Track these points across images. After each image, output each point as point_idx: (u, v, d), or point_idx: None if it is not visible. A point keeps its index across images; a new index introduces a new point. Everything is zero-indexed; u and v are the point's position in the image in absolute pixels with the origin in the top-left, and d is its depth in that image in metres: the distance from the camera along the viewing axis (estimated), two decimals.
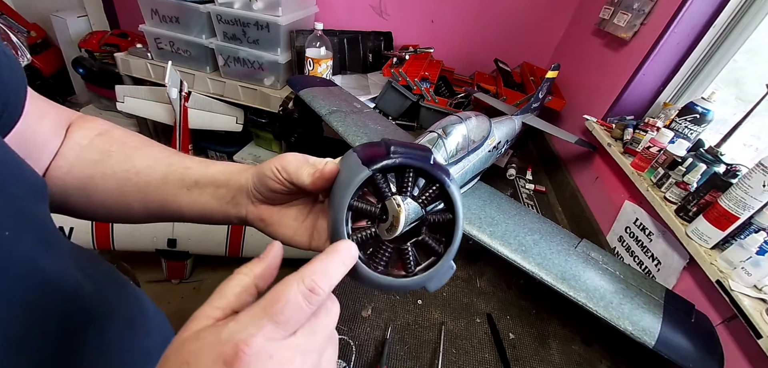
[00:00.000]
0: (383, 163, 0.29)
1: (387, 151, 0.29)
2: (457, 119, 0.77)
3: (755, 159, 0.65)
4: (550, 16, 1.69)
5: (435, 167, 0.30)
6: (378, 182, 0.29)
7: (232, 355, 0.19)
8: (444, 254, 0.31)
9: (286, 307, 0.21)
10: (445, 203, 0.31)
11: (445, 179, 0.30)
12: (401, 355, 0.64)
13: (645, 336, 0.61)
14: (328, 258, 0.24)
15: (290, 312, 0.21)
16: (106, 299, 0.37)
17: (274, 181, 0.34)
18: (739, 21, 0.96)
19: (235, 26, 1.38)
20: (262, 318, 0.21)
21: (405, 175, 0.30)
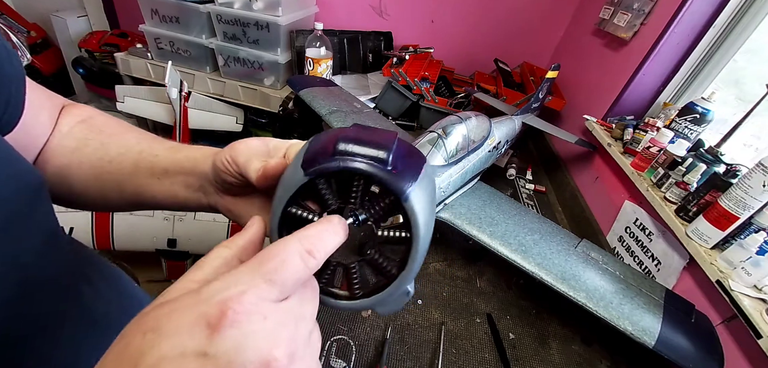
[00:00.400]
0: (322, 166, 0.22)
1: (333, 147, 0.23)
2: (457, 119, 0.78)
3: (755, 159, 0.65)
4: (550, 16, 1.69)
5: (393, 174, 0.22)
6: (319, 188, 0.24)
7: (218, 315, 0.16)
8: (396, 279, 0.25)
9: (282, 266, 0.18)
10: (402, 218, 0.24)
11: (402, 190, 0.22)
12: (401, 355, 0.64)
13: (645, 336, 0.61)
14: (323, 226, 0.22)
15: (287, 273, 0.19)
16: (103, 300, 0.37)
17: (225, 173, 0.31)
18: (739, 21, 0.96)
19: (235, 26, 1.38)
20: (253, 276, 0.18)
21: (353, 180, 0.24)
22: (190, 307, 0.17)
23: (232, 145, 0.31)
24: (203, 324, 0.16)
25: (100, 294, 0.37)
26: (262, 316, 0.17)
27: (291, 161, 0.26)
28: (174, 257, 1.41)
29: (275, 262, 0.18)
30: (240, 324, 0.16)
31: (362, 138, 0.23)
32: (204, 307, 0.16)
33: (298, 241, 0.20)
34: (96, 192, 0.37)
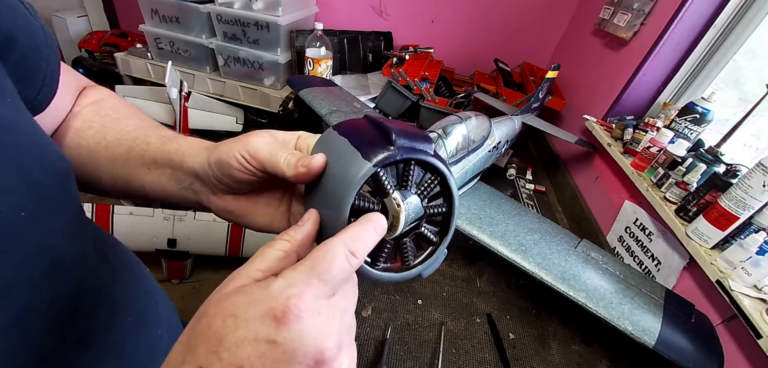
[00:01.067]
0: (386, 156, 0.25)
1: (386, 139, 0.26)
2: (457, 119, 0.78)
3: (755, 159, 0.65)
4: (550, 16, 1.69)
5: (437, 159, 0.28)
6: (380, 178, 0.26)
7: (283, 310, 0.19)
8: (440, 244, 0.30)
9: (332, 266, 0.22)
10: (442, 196, 0.30)
11: (447, 173, 0.28)
12: (401, 355, 0.64)
13: (645, 336, 0.61)
14: (365, 226, 0.24)
15: (336, 272, 0.22)
16: (119, 284, 0.36)
17: (241, 171, 0.30)
18: (739, 21, 0.96)
19: (235, 26, 1.38)
20: (310, 276, 0.21)
21: (407, 168, 0.27)
22: (262, 300, 0.20)
23: (243, 139, 0.30)
24: (271, 316, 0.19)
25: (116, 277, 0.37)
26: (317, 312, 0.20)
27: (332, 155, 0.28)
28: (174, 258, 1.41)
29: (327, 263, 0.22)
30: (301, 320, 0.20)
31: (408, 131, 0.27)
32: (273, 302, 0.20)
33: (343, 244, 0.23)
34: (90, 174, 0.37)
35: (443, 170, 0.28)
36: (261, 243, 1.15)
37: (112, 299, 0.34)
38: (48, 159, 0.28)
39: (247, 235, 1.33)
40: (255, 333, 0.19)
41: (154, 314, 0.42)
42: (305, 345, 0.19)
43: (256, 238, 1.34)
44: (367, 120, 0.28)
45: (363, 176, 0.25)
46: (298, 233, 0.25)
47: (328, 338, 0.20)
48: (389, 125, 0.27)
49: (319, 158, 0.28)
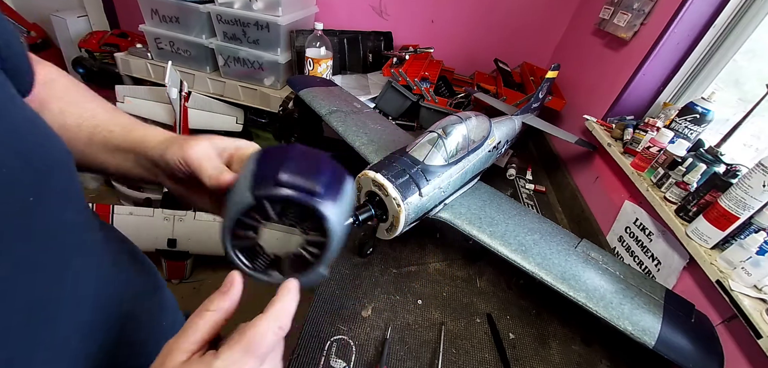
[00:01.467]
0: (267, 193, 0.30)
1: (274, 175, 0.30)
2: (457, 119, 0.77)
3: (755, 159, 0.65)
4: (550, 16, 1.69)
5: (320, 202, 0.31)
6: (264, 206, 0.31)
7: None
8: (315, 267, 0.33)
9: (263, 343, 0.26)
10: (325, 232, 0.32)
11: (324, 217, 0.31)
12: (401, 355, 0.64)
13: (645, 337, 0.61)
14: (287, 299, 0.29)
15: (267, 347, 0.26)
16: (125, 270, 0.38)
17: (178, 172, 0.35)
18: (739, 21, 0.96)
19: (235, 26, 1.38)
20: (245, 355, 0.25)
21: (289, 204, 0.31)
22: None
23: (182, 145, 0.34)
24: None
25: (120, 265, 0.38)
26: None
27: (241, 175, 0.32)
28: (174, 258, 1.42)
29: (257, 341, 0.26)
30: None
31: (298, 167, 0.31)
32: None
33: (273, 320, 0.27)
34: None
35: (321, 214, 0.31)
36: None
37: (119, 280, 0.36)
38: (51, 149, 0.28)
39: None
40: None
41: (161, 296, 0.45)
42: None
43: None
44: (283, 151, 0.33)
45: (244, 205, 0.30)
46: (224, 303, 0.28)
47: None
48: (286, 159, 0.31)
49: (228, 178, 0.34)
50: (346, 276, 0.76)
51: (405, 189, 0.64)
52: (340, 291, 0.73)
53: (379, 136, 0.99)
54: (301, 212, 0.32)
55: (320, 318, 0.67)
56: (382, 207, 0.65)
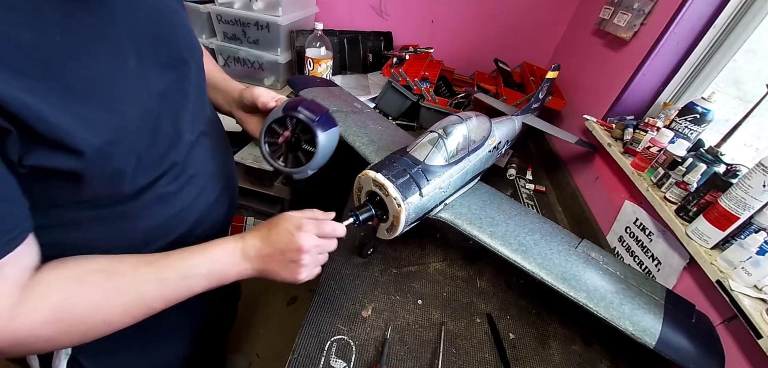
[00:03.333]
0: (289, 113, 0.55)
1: (295, 107, 0.55)
2: (458, 119, 0.77)
3: (755, 159, 0.65)
4: (550, 16, 1.69)
5: (315, 124, 0.54)
6: (286, 120, 0.56)
7: (299, 226, 0.51)
8: (305, 165, 0.57)
9: (325, 226, 0.54)
10: (315, 145, 0.55)
11: (315, 133, 0.54)
12: (401, 355, 0.64)
13: (646, 337, 0.61)
14: (338, 226, 0.57)
15: (324, 228, 0.54)
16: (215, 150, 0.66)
17: (247, 101, 0.64)
18: (739, 21, 0.96)
19: (235, 26, 1.38)
20: (315, 225, 0.53)
21: (297, 122, 0.56)
22: (296, 221, 0.53)
23: (252, 88, 0.64)
24: (295, 226, 0.52)
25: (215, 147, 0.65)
26: (310, 235, 0.52)
27: (277, 106, 0.59)
28: None
29: (322, 224, 0.54)
30: (303, 234, 0.51)
31: (309, 107, 0.56)
32: (299, 222, 0.52)
33: (331, 225, 0.56)
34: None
35: (314, 130, 0.55)
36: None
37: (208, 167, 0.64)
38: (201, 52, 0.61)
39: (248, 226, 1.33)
40: (289, 227, 0.52)
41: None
42: (299, 241, 0.51)
43: None
44: (303, 99, 0.58)
45: (276, 115, 0.57)
46: (324, 223, 0.56)
47: (307, 245, 0.51)
48: (301, 102, 0.57)
49: (272, 103, 0.61)
50: (346, 276, 0.76)
51: (405, 189, 0.64)
52: (340, 291, 0.73)
53: (379, 136, 0.99)
54: (304, 129, 0.56)
55: (320, 318, 0.67)
56: (383, 207, 0.65)
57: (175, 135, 0.50)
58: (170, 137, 0.49)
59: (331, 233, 0.55)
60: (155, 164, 0.48)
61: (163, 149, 0.48)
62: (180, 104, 0.51)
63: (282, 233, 0.51)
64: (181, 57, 0.51)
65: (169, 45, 0.48)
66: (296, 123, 0.55)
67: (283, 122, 0.56)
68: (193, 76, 0.53)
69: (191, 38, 0.55)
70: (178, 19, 0.51)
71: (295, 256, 0.51)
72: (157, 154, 0.47)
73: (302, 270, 0.52)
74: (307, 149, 0.56)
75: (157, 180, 0.49)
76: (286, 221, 0.52)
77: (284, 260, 0.51)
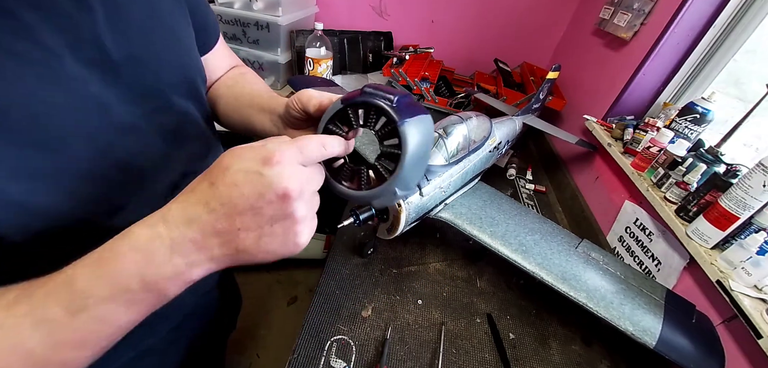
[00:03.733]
0: (351, 100, 0.37)
1: (360, 92, 0.37)
2: (458, 119, 0.77)
3: (755, 159, 0.65)
4: (550, 16, 1.69)
5: (396, 109, 0.35)
6: (349, 113, 0.37)
7: (269, 156, 0.29)
8: (388, 180, 0.37)
9: (308, 145, 0.32)
10: (398, 140, 0.36)
11: (396, 121, 0.35)
12: (401, 355, 0.64)
13: (646, 337, 0.61)
14: (332, 137, 0.36)
15: (309, 150, 0.32)
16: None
17: (293, 109, 0.46)
18: (739, 21, 0.96)
19: (235, 26, 1.38)
20: (292, 145, 0.31)
21: (370, 112, 0.37)
22: (258, 149, 0.30)
23: (298, 92, 0.46)
24: (261, 158, 0.30)
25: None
26: (290, 165, 0.30)
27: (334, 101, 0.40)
28: None
29: (304, 142, 0.32)
30: (279, 165, 0.30)
31: (380, 88, 0.37)
32: (264, 151, 0.30)
33: (317, 138, 0.34)
34: (227, 112, 0.58)
35: (394, 118, 0.35)
36: None
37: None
38: (201, 71, 0.53)
39: None
40: (248, 166, 0.29)
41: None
42: (277, 181, 0.29)
43: None
44: (363, 86, 0.39)
45: (334, 109, 0.38)
46: (306, 140, 0.34)
47: (293, 183, 0.30)
48: (369, 85, 0.38)
49: (327, 100, 0.42)
50: (346, 276, 0.76)
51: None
52: (340, 291, 0.73)
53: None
54: (380, 122, 0.36)
55: (320, 318, 0.66)
56: (384, 209, 0.65)
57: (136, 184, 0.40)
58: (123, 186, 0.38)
59: (318, 153, 0.33)
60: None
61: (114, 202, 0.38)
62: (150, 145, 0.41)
63: (240, 181, 0.29)
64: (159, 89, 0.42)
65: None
66: (365, 114, 0.36)
67: (344, 118, 0.37)
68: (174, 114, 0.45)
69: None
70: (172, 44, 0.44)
71: (279, 209, 0.30)
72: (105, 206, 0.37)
73: (300, 229, 0.32)
74: (388, 151, 0.36)
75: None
76: (239, 158, 0.30)
77: (260, 222, 0.30)
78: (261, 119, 0.53)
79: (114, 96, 0.36)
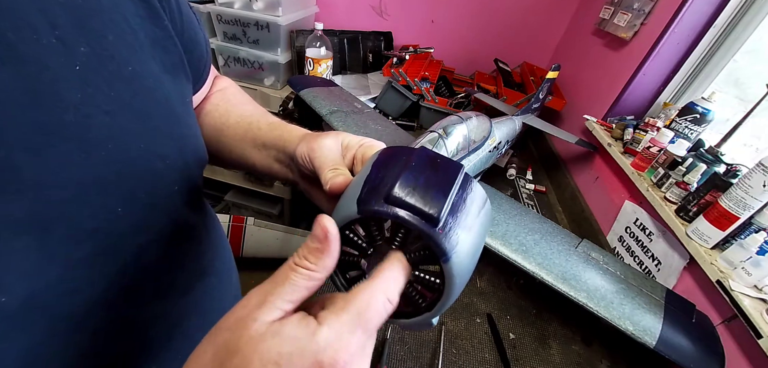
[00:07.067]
0: (373, 210, 0.23)
1: (387, 188, 0.23)
2: (458, 119, 0.77)
3: (755, 159, 0.65)
4: (550, 16, 1.69)
5: (439, 233, 0.22)
6: (371, 226, 0.25)
7: (331, 365, 0.19)
8: (422, 314, 0.26)
9: (376, 317, 0.21)
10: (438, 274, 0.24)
11: (445, 254, 0.22)
12: (401, 355, 0.64)
13: (646, 336, 0.61)
14: (395, 270, 0.23)
15: (378, 320, 0.21)
16: (211, 247, 0.43)
17: (304, 169, 0.34)
18: (739, 21, 0.96)
19: (235, 26, 1.38)
20: (356, 327, 0.20)
21: (400, 227, 0.24)
22: (310, 353, 0.19)
23: (310, 141, 0.33)
24: (313, 363, 0.19)
25: (211, 243, 0.43)
26: (357, 364, 0.20)
27: (354, 181, 0.27)
28: None
29: (371, 313, 0.21)
30: (325, 348, 0.19)
31: (419, 186, 0.23)
32: (321, 356, 0.19)
33: (383, 292, 0.22)
34: (213, 148, 0.44)
35: (440, 252, 0.22)
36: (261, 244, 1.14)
37: (206, 260, 0.42)
38: (198, 150, 0.36)
39: (247, 235, 1.33)
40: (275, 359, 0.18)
41: (228, 280, 0.48)
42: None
43: (256, 238, 1.34)
44: (404, 155, 0.26)
45: (348, 217, 0.24)
46: (327, 260, 0.22)
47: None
48: (407, 172, 0.24)
49: (339, 183, 0.29)
50: None
51: None
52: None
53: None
54: (417, 243, 0.24)
55: None
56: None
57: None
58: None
59: (385, 315, 0.22)
60: None
61: None
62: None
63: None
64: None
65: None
66: (394, 227, 0.25)
67: (366, 226, 0.26)
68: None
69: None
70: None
71: None
72: None
73: None
74: (426, 279, 0.25)
75: None
76: (278, 359, 0.19)
77: None
78: (262, 158, 0.41)
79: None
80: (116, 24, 0.27)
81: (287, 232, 1.39)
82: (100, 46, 0.25)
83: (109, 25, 0.26)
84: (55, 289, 0.24)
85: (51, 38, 0.22)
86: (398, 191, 0.23)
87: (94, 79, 0.25)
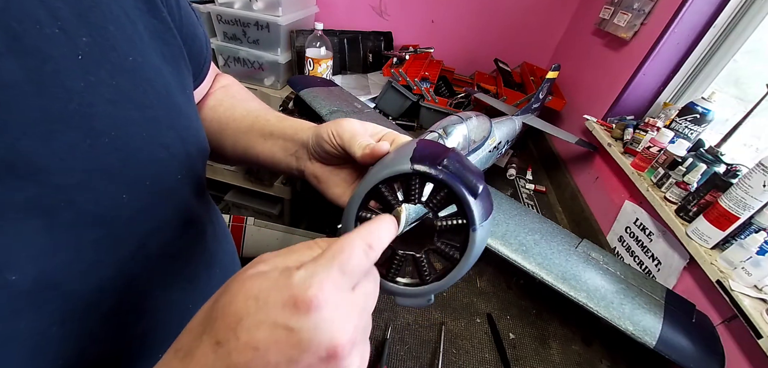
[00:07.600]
0: (426, 169, 0.26)
1: (437, 158, 0.27)
2: (458, 119, 0.77)
3: (755, 159, 0.65)
4: (550, 16, 1.69)
5: (473, 203, 0.26)
6: (412, 182, 0.28)
7: (303, 299, 0.19)
8: (460, 262, 0.29)
9: (352, 258, 0.21)
10: (461, 242, 0.29)
11: (474, 223, 0.27)
12: (401, 355, 0.64)
13: (646, 336, 0.61)
14: (379, 223, 0.25)
15: (355, 263, 0.21)
16: (215, 239, 0.44)
17: (328, 144, 0.36)
18: (739, 21, 0.96)
19: (235, 26, 1.38)
20: (331, 267, 0.20)
21: (440, 191, 0.28)
22: (285, 287, 0.20)
23: (336, 121, 0.36)
24: (292, 304, 0.19)
25: (215, 235, 0.44)
26: (335, 305, 0.20)
27: (396, 150, 0.30)
28: None
29: (346, 255, 0.21)
30: (319, 310, 0.19)
31: (464, 164, 0.27)
32: (295, 290, 0.19)
33: (360, 237, 0.22)
34: (216, 142, 0.45)
35: (471, 216, 0.27)
36: (260, 244, 1.14)
37: (210, 250, 0.42)
38: (200, 141, 0.37)
39: (247, 235, 1.33)
40: (274, 318, 0.19)
41: (233, 274, 0.48)
42: (320, 336, 0.19)
43: (255, 239, 1.34)
44: (442, 146, 0.29)
45: (399, 170, 0.27)
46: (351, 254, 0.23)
47: (342, 333, 0.20)
48: (450, 153, 0.28)
49: (384, 147, 0.32)
50: None
51: None
52: None
53: None
54: (444, 205, 0.28)
55: None
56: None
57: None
58: None
59: (367, 261, 0.22)
60: None
61: None
62: None
63: (262, 342, 0.19)
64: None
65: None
66: (431, 194, 0.28)
67: (405, 185, 0.28)
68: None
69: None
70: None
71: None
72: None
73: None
74: (446, 247, 0.29)
75: None
76: (255, 301, 0.20)
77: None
78: (268, 148, 0.42)
79: None
80: (116, 16, 0.28)
81: (287, 232, 1.39)
82: (101, 37, 0.26)
83: (109, 16, 0.27)
84: (67, 269, 0.25)
85: (54, 29, 0.23)
86: (448, 162, 0.27)
87: (96, 69, 0.25)
